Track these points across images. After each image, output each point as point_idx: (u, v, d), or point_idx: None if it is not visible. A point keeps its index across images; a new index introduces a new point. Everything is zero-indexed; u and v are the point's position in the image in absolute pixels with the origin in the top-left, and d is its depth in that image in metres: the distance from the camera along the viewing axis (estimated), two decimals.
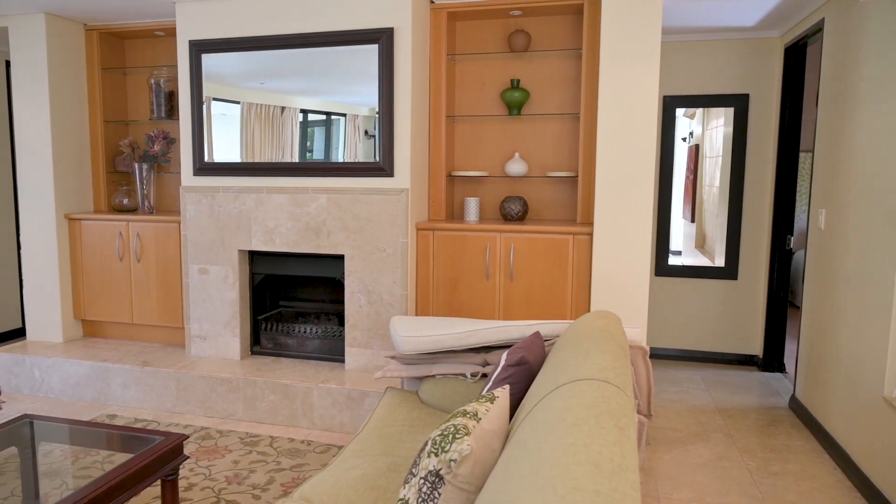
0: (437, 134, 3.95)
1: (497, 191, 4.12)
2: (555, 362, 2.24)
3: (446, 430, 1.80)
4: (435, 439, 1.79)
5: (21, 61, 4.40)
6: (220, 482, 3.09)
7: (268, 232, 3.95)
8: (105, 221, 4.46)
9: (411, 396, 2.96)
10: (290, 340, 4.16)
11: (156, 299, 4.40)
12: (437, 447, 1.77)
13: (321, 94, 3.86)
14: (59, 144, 4.46)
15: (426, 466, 1.78)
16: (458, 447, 1.72)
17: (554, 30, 3.94)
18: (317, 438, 3.58)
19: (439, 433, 1.81)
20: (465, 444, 1.73)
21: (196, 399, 3.89)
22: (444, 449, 1.75)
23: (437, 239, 3.78)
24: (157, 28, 4.45)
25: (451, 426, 1.81)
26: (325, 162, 3.85)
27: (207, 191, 4.04)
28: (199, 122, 4.03)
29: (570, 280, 3.59)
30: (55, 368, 4.18)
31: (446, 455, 1.73)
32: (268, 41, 3.84)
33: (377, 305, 3.79)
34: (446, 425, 1.82)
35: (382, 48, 3.63)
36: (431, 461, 1.77)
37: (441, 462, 1.74)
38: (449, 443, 1.75)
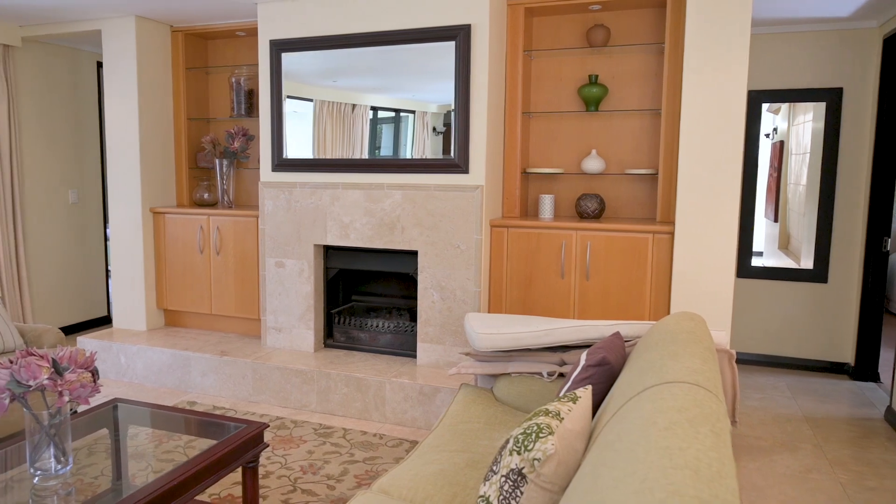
0: (513, 130, 3.91)
1: (572, 188, 4.05)
2: (640, 364, 2.18)
3: (529, 428, 1.78)
4: (517, 437, 1.77)
5: (113, 62, 4.61)
6: (295, 471, 3.14)
7: (343, 227, 4.00)
8: (187, 215, 4.63)
9: (486, 394, 2.93)
10: (363, 334, 4.21)
11: (233, 291, 4.53)
12: (519, 445, 1.75)
13: (391, 92, 3.89)
14: (146, 141, 4.65)
15: (508, 464, 1.76)
16: (542, 446, 1.70)
17: (635, 24, 3.84)
18: (389, 432, 3.61)
19: (521, 431, 1.78)
20: (550, 443, 1.70)
21: (271, 389, 3.98)
22: (527, 448, 1.72)
23: (511, 236, 3.74)
24: (239, 28, 4.58)
25: (533, 425, 1.78)
26: (400, 158, 3.87)
27: (285, 186, 4.13)
28: (278, 120, 4.12)
29: (649, 280, 3.49)
30: (139, 355, 4.36)
31: (529, 454, 1.71)
32: (345, 40, 3.89)
33: (450, 302, 3.78)
34: (529, 424, 1.80)
35: (459, 45, 3.62)
36: (514, 459, 1.75)
37: (524, 461, 1.72)
38: (532, 441, 1.73)
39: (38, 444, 2.22)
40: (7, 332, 3.51)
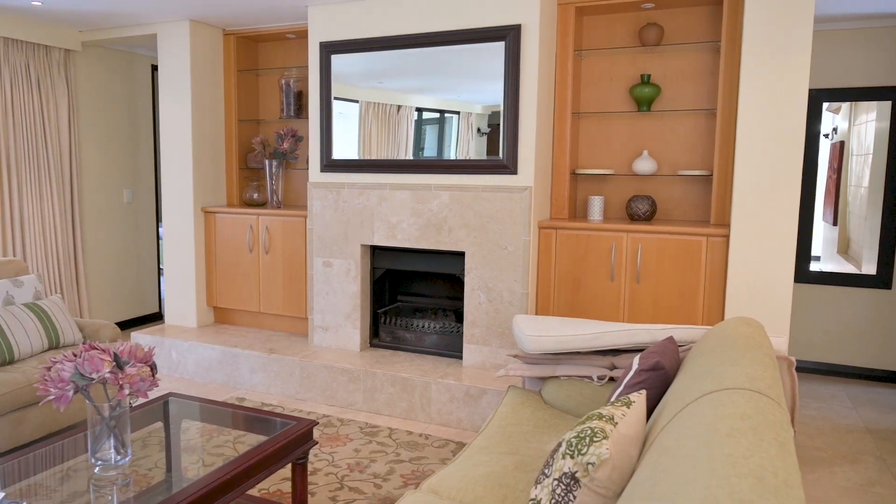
0: (562, 131, 3.87)
1: (623, 189, 3.99)
2: (696, 369, 2.13)
3: (582, 432, 1.75)
4: (570, 441, 1.75)
5: (167, 65, 4.73)
6: (342, 469, 3.17)
7: (390, 227, 4.02)
8: (237, 215, 4.71)
9: (534, 396, 2.91)
10: (409, 334, 4.22)
11: (281, 290, 4.59)
12: (572, 449, 1.72)
13: (436, 93, 3.90)
14: (198, 142, 4.76)
15: (560, 468, 1.74)
16: (597, 451, 1.67)
17: (689, 22, 3.76)
18: (434, 433, 3.60)
19: (575, 435, 1.76)
20: (604, 447, 1.67)
21: (318, 387, 4.02)
22: (581, 451, 1.70)
23: (560, 238, 3.70)
24: (289, 31, 4.65)
25: (587, 429, 1.76)
26: (447, 159, 3.87)
27: (333, 187, 4.17)
28: (327, 121, 4.17)
29: (702, 284, 3.41)
30: (190, 351, 4.45)
31: (583, 458, 1.69)
32: (394, 41, 3.91)
33: (497, 303, 3.76)
34: (582, 428, 1.77)
35: (509, 45, 3.60)
36: (566, 463, 1.72)
37: (577, 464, 1.70)
38: (586, 445, 1.71)
39: (98, 435, 2.28)
40: (67, 326, 3.63)
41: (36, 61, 4.79)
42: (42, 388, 2.17)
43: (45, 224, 4.90)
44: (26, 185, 4.76)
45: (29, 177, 4.78)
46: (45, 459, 2.38)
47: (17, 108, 4.69)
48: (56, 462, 2.36)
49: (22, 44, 4.69)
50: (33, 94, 4.79)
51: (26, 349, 3.38)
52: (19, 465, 2.32)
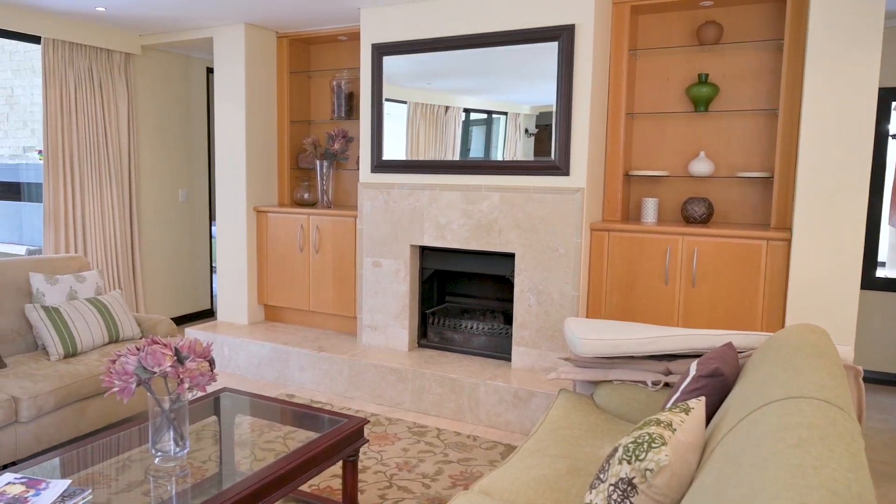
0: (616, 132, 3.82)
1: (678, 191, 3.91)
2: (758, 376, 2.07)
3: (640, 438, 1.72)
4: (627, 446, 1.72)
5: (223, 67, 4.84)
6: (391, 468, 3.18)
7: (439, 228, 4.02)
8: (288, 214, 4.79)
9: (586, 400, 2.87)
10: (457, 335, 4.22)
11: (331, 289, 4.65)
12: (630, 455, 1.70)
13: (484, 93, 3.89)
14: (251, 143, 4.86)
15: (617, 473, 1.71)
16: (656, 457, 1.64)
17: (749, 20, 3.66)
18: (482, 434, 3.59)
19: (632, 440, 1.73)
20: (664, 454, 1.64)
21: (366, 386, 4.05)
22: (639, 457, 1.67)
23: (613, 240, 3.65)
24: (341, 33, 4.70)
25: (644, 434, 1.73)
26: (498, 160, 3.86)
27: (383, 187, 4.20)
28: (378, 122, 4.20)
29: (762, 289, 3.31)
30: (242, 348, 4.54)
31: (641, 464, 1.66)
32: (446, 42, 3.91)
33: (547, 305, 3.73)
34: (640, 433, 1.74)
35: (563, 45, 3.57)
36: (623, 468, 1.70)
37: (634, 470, 1.67)
38: (644, 451, 1.68)
39: (159, 427, 2.34)
40: (126, 321, 3.73)
41: (98, 65, 4.96)
42: (107, 380, 2.24)
43: (104, 222, 5.06)
44: (88, 185, 4.93)
45: (90, 176, 4.94)
46: (108, 449, 2.45)
47: (81, 109, 4.86)
48: (117, 452, 2.43)
49: (85, 48, 4.86)
50: (95, 96, 4.95)
51: (88, 342, 3.49)
52: (84, 454, 2.40)
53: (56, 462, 2.31)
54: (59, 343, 3.37)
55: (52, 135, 4.69)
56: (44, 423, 3.05)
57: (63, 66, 4.72)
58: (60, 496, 2.05)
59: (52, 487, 2.09)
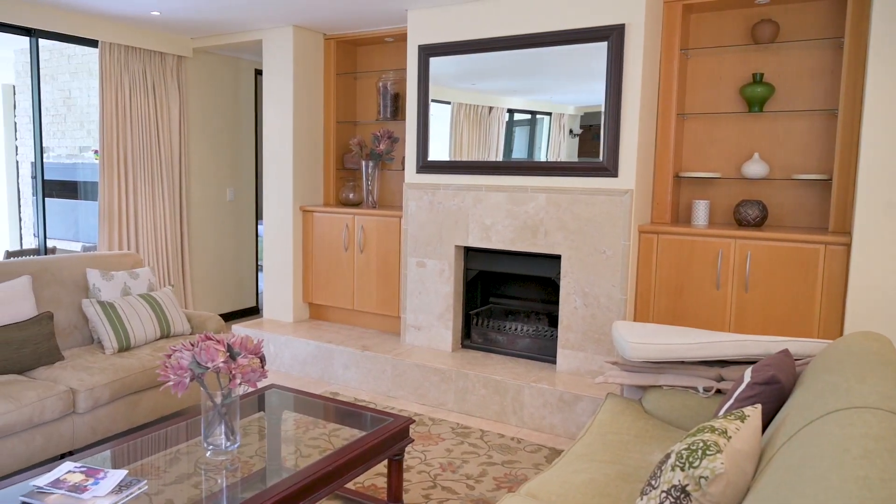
0: (665, 133, 3.75)
1: (730, 194, 3.81)
2: (818, 385, 2.00)
3: (694, 444, 1.69)
4: (681, 453, 1.69)
5: (271, 69, 4.92)
6: (435, 468, 3.18)
7: (484, 229, 4.01)
8: (334, 214, 4.84)
9: (634, 405, 2.82)
10: (501, 337, 4.20)
11: (375, 288, 4.68)
12: (683, 461, 1.67)
13: (527, 94, 3.87)
14: (298, 143, 4.92)
15: (669, 480, 1.68)
16: (711, 465, 1.61)
17: (807, 18, 3.55)
18: (526, 437, 3.56)
19: (685, 447, 1.70)
20: (719, 461, 1.61)
21: (410, 385, 4.06)
22: (693, 464, 1.64)
23: (662, 243, 3.58)
24: (388, 35, 4.73)
25: (699, 441, 1.69)
26: (545, 161, 3.83)
27: (429, 188, 4.21)
28: (424, 123, 4.21)
29: (819, 295, 3.21)
30: (287, 345, 4.60)
31: (695, 471, 1.63)
32: (493, 43, 3.90)
33: (593, 308, 3.68)
34: (693, 440, 1.71)
35: (612, 45, 3.53)
36: (676, 475, 1.66)
37: (688, 478, 1.64)
38: (698, 459, 1.64)
39: (210, 421, 2.38)
40: (177, 316, 3.82)
41: (152, 67, 5.09)
42: (162, 374, 2.29)
43: (155, 220, 5.20)
44: (140, 184, 5.06)
45: (143, 176, 5.08)
46: (160, 441, 2.51)
47: (134, 111, 4.99)
48: (170, 444, 2.49)
49: (140, 51, 5.00)
50: (149, 97, 5.09)
51: (141, 337, 3.58)
52: (137, 446, 2.46)
53: (112, 453, 2.37)
54: (113, 337, 3.46)
55: (107, 135, 4.84)
56: (99, 415, 3.14)
57: (119, 68, 4.86)
58: (117, 485, 2.10)
59: (110, 477, 2.14)
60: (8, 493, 2.06)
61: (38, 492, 2.06)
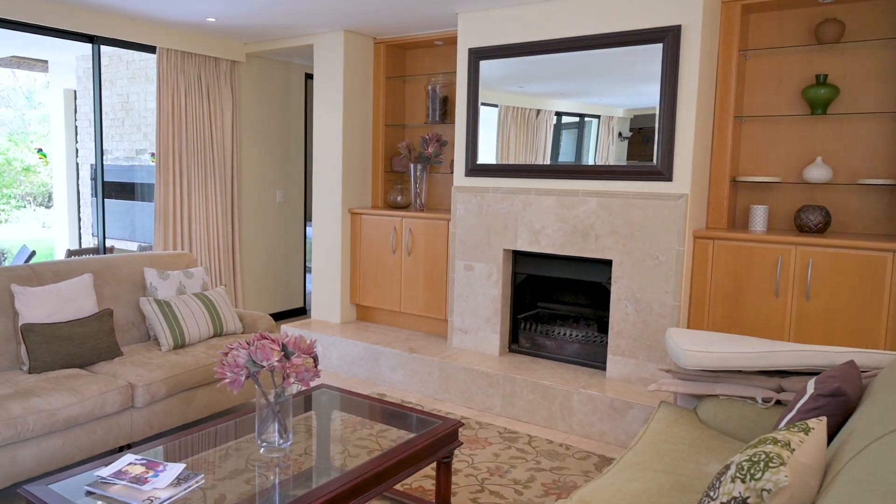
0: (722, 136, 3.66)
1: (790, 199, 3.70)
2: (888, 398, 1.92)
3: (755, 456, 1.64)
4: (741, 464, 1.64)
5: (322, 73, 4.99)
6: (482, 472, 3.16)
7: (534, 233, 3.98)
8: (381, 216, 4.87)
9: (689, 414, 2.75)
10: (549, 342, 4.16)
11: (422, 291, 4.69)
12: (744, 473, 1.62)
13: (576, 96, 3.83)
14: (348, 146, 4.98)
15: (729, 492, 1.63)
16: (774, 477, 1.56)
17: (875, 17, 3.42)
18: (575, 444, 3.51)
19: (746, 458, 1.65)
20: (782, 474, 1.55)
21: (457, 389, 4.05)
22: (755, 476, 1.59)
23: (718, 249, 3.49)
24: (437, 38, 4.75)
25: (760, 453, 1.64)
26: (596, 165, 3.78)
27: (477, 191, 4.20)
28: (473, 126, 4.21)
29: (887, 304, 3.08)
30: (334, 346, 4.64)
31: (757, 483, 1.57)
32: (545, 46, 3.88)
33: (645, 315, 3.61)
34: (755, 451, 1.66)
35: (667, 47, 3.46)
36: (737, 487, 1.62)
37: (749, 490, 1.59)
38: (760, 471, 1.59)
39: (264, 419, 2.42)
40: (230, 316, 3.90)
41: (206, 72, 5.22)
42: (219, 371, 2.33)
43: (208, 221, 5.32)
44: (194, 186, 5.19)
45: (197, 178, 5.20)
46: (215, 437, 2.56)
47: (189, 114, 5.12)
48: (224, 441, 2.53)
49: (195, 56, 5.13)
50: (203, 101, 5.21)
51: (195, 335, 3.66)
52: (193, 441, 2.51)
53: (168, 447, 2.43)
54: (169, 335, 3.55)
55: (163, 138, 4.98)
56: (156, 410, 3.22)
57: (175, 73, 5.00)
58: (176, 479, 2.15)
59: (169, 470, 2.19)
60: (74, 482, 2.13)
61: (102, 482, 2.12)
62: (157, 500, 2.02)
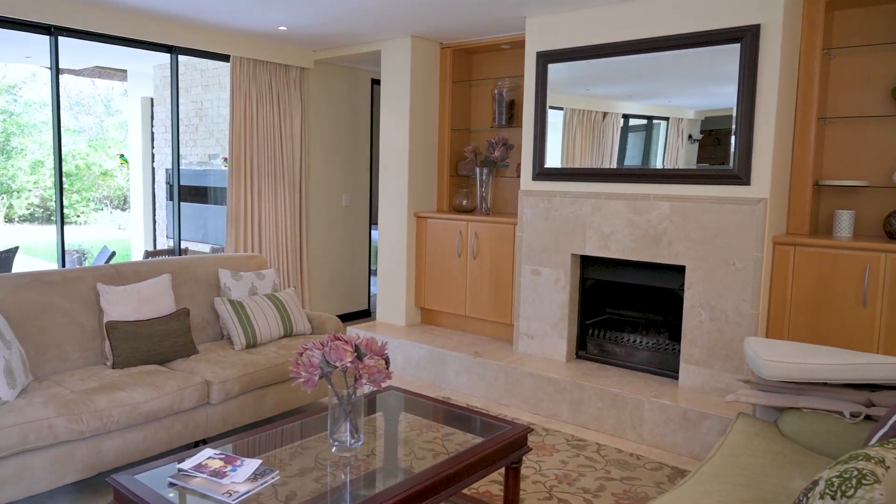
0: (804, 138, 3.51)
1: (879, 204, 3.50)
2: None
3: (847, 472, 1.57)
4: (831, 480, 1.57)
5: (389, 78, 5.05)
6: (550, 479, 3.12)
7: (603, 238, 3.91)
8: (447, 220, 4.88)
9: (769, 427, 2.65)
10: (618, 349, 4.07)
11: (487, 295, 4.67)
12: (834, 490, 1.55)
13: (644, 98, 3.76)
14: (414, 151, 5.01)
15: None
16: (868, 495, 1.48)
17: None
18: (646, 454, 3.43)
19: (836, 475, 1.57)
20: (877, 492, 1.48)
21: (522, 394, 4.01)
22: (846, 493, 1.52)
23: (799, 255, 3.35)
24: (504, 42, 4.73)
25: (852, 469, 1.57)
26: (667, 169, 3.69)
27: (545, 195, 4.16)
28: (541, 130, 4.17)
29: None
30: (400, 349, 4.68)
31: (849, 501, 1.51)
32: (613, 48, 3.82)
33: (720, 323, 3.49)
34: (845, 468, 1.58)
35: (745, 47, 3.35)
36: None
37: None
38: (852, 488, 1.52)
39: (336, 419, 2.45)
40: (299, 317, 3.97)
41: (276, 79, 5.36)
42: (294, 370, 2.37)
43: (277, 224, 5.45)
44: (265, 190, 5.33)
45: (267, 182, 5.34)
46: (287, 435, 2.61)
47: (260, 120, 5.27)
48: (295, 439, 2.58)
49: (266, 64, 5.27)
50: (273, 108, 5.36)
51: (266, 335, 3.75)
52: (266, 438, 2.56)
53: (243, 443, 2.49)
54: (242, 334, 3.65)
55: (236, 144, 5.13)
56: (230, 406, 3.31)
57: (247, 81, 5.15)
58: (253, 474, 2.20)
59: (246, 465, 2.25)
60: (157, 474, 2.21)
61: (184, 474, 2.19)
62: (237, 494, 2.07)
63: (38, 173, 13.11)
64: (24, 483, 2.60)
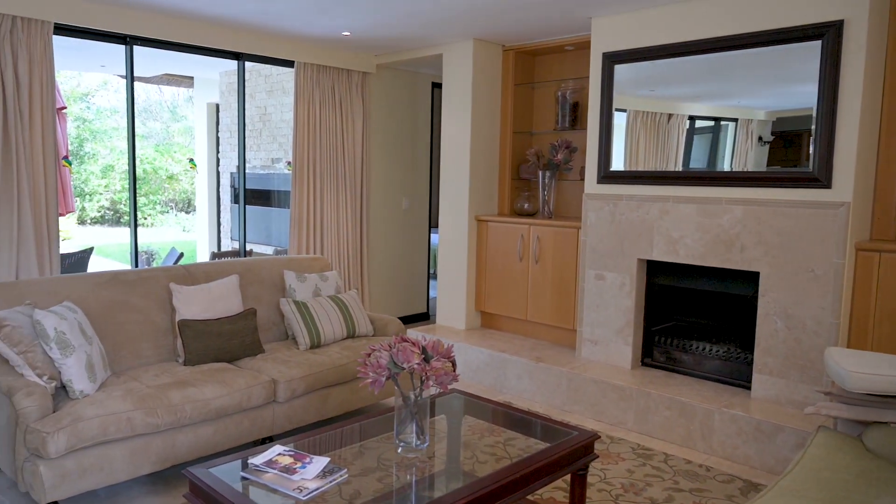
0: (892, 140, 3.34)
1: None
2: None
3: None
4: None
5: (451, 82, 5.05)
6: (615, 487, 3.05)
7: (671, 242, 3.81)
8: (509, 224, 4.84)
9: (853, 441, 2.51)
10: (686, 357, 3.96)
11: (549, 300, 4.61)
12: None
13: (711, 99, 3.65)
14: (475, 154, 5.00)
15: None
16: None
17: None
18: (716, 465, 3.31)
19: None
20: None
21: (586, 401, 3.94)
22: None
23: (885, 262, 3.18)
24: (568, 43, 4.68)
25: None
26: (739, 171, 3.57)
27: (610, 199, 4.08)
28: (606, 132, 4.10)
29: None
30: (460, 352, 4.66)
31: None
32: (682, 47, 3.72)
33: (797, 332, 3.35)
34: None
35: (827, 44, 3.21)
36: None
37: None
38: None
39: (403, 420, 2.45)
40: (362, 318, 4.01)
41: (339, 83, 5.44)
42: (362, 371, 2.39)
43: (339, 227, 5.52)
44: (327, 193, 5.41)
45: (329, 186, 5.42)
46: (353, 434, 2.62)
47: (323, 125, 5.35)
48: (359, 438, 2.59)
49: (329, 69, 5.36)
50: (336, 112, 5.43)
51: (330, 336, 3.80)
52: (332, 437, 2.58)
53: (308, 441, 2.51)
54: (306, 334, 3.70)
55: (299, 148, 5.23)
56: (295, 405, 3.36)
57: (311, 86, 5.24)
58: (322, 471, 2.22)
59: (315, 462, 2.27)
60: (230, 468, 2.25)
61: (255, 469, 2.23)
62: (307, 490, 2.09)
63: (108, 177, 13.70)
64: (104, 472, 2.69)
